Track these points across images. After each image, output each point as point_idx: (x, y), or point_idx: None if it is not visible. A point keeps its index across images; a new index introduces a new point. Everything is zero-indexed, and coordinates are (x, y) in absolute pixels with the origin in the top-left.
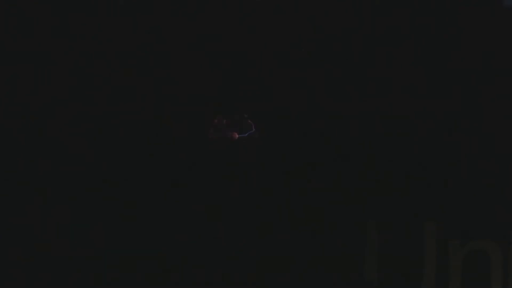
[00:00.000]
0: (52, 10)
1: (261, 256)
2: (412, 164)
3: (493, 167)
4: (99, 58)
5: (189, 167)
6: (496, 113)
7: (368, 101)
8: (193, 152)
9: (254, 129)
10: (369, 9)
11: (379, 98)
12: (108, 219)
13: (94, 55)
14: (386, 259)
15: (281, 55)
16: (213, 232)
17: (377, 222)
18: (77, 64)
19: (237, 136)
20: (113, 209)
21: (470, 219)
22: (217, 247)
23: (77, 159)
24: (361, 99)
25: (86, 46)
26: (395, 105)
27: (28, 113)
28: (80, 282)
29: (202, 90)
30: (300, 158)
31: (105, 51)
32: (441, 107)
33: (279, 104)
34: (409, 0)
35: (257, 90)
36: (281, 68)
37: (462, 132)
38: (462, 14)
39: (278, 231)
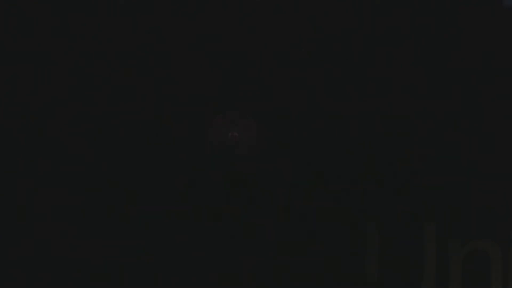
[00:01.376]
0: (52, 10)
1: (261, 256)
2: (412, 164)
3: (493, 167)
4: (99, 58)
5: (189, 167)
6: (496, 113)
7: (368, 101)
8: (193, 152)
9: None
10: (369, 9)
11: (379, 98)
12: (108, 219)
13: (94, 55)
14: (386, 259)
15: (281, 55)
16: (213, 233)
17: (377, 222)
18: (77, 64)
19: (238, 135)
20: (113, 209)
21: (470, 219)
22: (216, 248)
23: (77, 159)
24: (361, 99)
25: (86, 46)
26: (395, 105)
27: (28, 113)
28: (80, 282)
29: (202, 90)
30: (300, 158)
31: (105, 51)
32: (441, 107)
33: (279, 104)
34: (409, 0)
35: (257, 90)
36: (281, 68)
37: (462, 132)
38: (462, 14)
39: (277, 231)
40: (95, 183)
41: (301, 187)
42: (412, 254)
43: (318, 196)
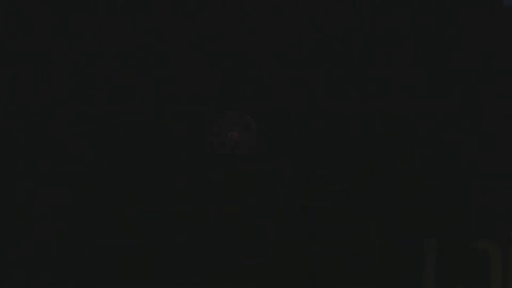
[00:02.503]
0: (52, 10)
1: (261, 257)
2: (412, 164)
3: (493, 167)
4: (99, 58)
5: (189, 167)
6: (496, 113)
7: (368, 101)
8: (193, 152)
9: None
10: (369, 9)
11: (379, 98)
12: (108, 219)
13: (94, 55)
14: (386, 259)
15: (281, 55)
16: (213, 233)
17: (377, 223)
18: (77, 64)
19: (238, 135)
20: (113, 209)
21: (470, 219)
22: (216, 248)
23: (77, 159)
24: (361, 99)
25: (86, 46)
26: (395, 105)
27: (28, 113)
28: (80, 282)
29: (202, 90)
30: (300, 158)
31: (105, 51)
32: (441, 107)
33: (279, 104)
34: (409, 0)
35: (257, 90)
36: (281, 68)
37: (462, 132)
38: (462, 14)
39: (277, 231)
40: (95, 183)
41: (301, 187)
42: (412, 254)
43: (318, 196)
